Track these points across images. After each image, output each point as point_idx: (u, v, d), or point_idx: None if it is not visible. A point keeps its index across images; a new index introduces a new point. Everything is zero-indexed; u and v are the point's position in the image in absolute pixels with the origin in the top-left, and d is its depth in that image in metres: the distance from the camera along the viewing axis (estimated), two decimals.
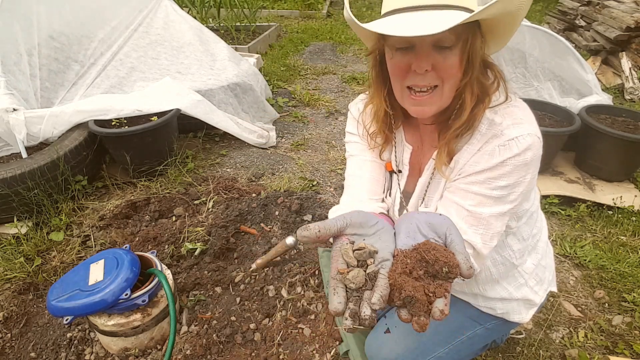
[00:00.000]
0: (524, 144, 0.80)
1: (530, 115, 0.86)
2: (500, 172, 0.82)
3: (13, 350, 1.52)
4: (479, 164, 0.83)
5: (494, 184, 0.83)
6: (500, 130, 0.82)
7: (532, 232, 1.04)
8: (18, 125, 2.12)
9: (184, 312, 1.61)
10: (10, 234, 1.98)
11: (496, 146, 0.81)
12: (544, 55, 2.89)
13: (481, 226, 0.85)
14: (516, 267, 1.06)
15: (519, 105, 0.87)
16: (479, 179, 0.84)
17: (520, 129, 0.81)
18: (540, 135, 0.83)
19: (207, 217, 2.10)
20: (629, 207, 2.24)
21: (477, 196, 0.84)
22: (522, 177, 0.82)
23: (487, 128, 0.84)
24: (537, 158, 0.83)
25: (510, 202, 0.85)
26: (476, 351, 1.26)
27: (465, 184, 0.85)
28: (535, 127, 0.83)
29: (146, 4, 2.98)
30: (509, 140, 0.81)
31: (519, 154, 0.80)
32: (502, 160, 0.81)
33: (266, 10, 6.97)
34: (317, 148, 2.97)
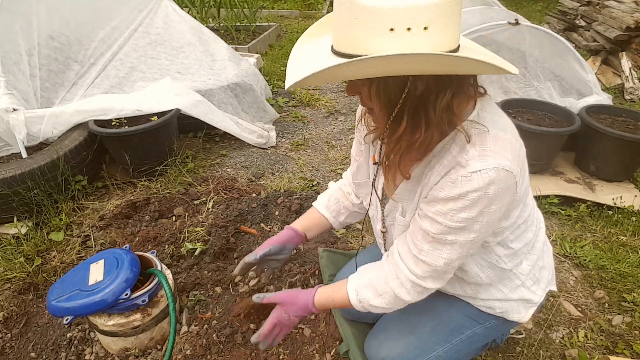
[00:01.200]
0: (486, 179, 0.79)
1: (504, 144, 0.82)
2: (461, 205, 0.82)
3: (13, 350, 1.52)
4: (444, 190, 0.84)
5: (457, 216, 0.83)
6: (466, 160, 0.81)
7: (524, 242, 1.04)
8: (18, 125, 2.12)
9: (184, 312, 1.61)
10: (10, 234, 1.98)
11: (459, 176, 0.81)
12: (544, 55, 2.89)
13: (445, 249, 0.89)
14: (509, 270, 1.05)
15: (496, 134, 0.83)
16: (443, 209, 0.85)
17: (485, 163, 0.79)
18: (510, 168, 0.80)
19: (207, 217, 2.10)
20: (629, 207, 2.24)
21: (442, 226, 0.86)
22: (486, 207, 0.82)
23: (458, 151, 0.83)
24: (502, 191, 0.81)
25: (476, 231, 0.86)
26: (476, 350, 1.26)
27: (432, 214, 0.87)
28: (503, 159, 0.79)
29: (146, 4, 2.98)
30: (471, 173, 0.79)
31: (480, 188, 0.79)
32: (463, 192, 0.81)
33: (266, 10, 6.97)
34: (317, 148, 2.97)
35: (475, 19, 3.00)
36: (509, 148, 0.81)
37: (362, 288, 1.03)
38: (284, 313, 1.12)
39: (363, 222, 1.93)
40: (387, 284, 0.99)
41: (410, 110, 0.78)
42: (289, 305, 1.12)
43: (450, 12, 0.66)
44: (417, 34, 0.65)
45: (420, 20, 0.64)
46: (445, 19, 0.66)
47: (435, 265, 0.91)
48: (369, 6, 0.64)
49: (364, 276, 1.05)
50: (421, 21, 0.64)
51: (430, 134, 0.80)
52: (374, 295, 1.01)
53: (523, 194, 0.93)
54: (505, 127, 0.85)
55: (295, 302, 1.11)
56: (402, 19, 0.64)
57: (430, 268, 0.92)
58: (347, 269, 1.49)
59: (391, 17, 0.64)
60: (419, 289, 0.97)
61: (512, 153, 0.81)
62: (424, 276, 0.94)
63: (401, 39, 0.65)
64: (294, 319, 1.12)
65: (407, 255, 0.95)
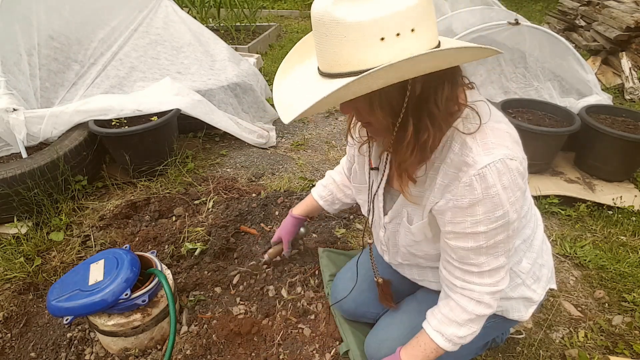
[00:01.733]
0: (496, 171, 0.80)
1: (502, 134, 0.83)
2: (490, 204, 0.82)
3: (13, 350, 1.52)
4: (465, 197, 0.83)
5: (493, 216, 0.83)
6: (472, 158, 0.81)
7: (522, 238, 1.04)
8: (18, 125, 2.12)
9: (184, 312, 1.61)
10: (10, 234, 1.98)
11: (472, 176, 0.81)
12: (544, 55, 2.90)
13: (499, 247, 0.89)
14: (509, 268, 1.05)
15: (493, 125, 0.84)
16: (477, 218, 0.84)
17: (490, 156, 0.80)
18: (513, 156, 0.81)
19: (207, 217, 2.10)
20: (629, 207, 2.24)
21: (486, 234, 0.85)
22: (512, 195, 0.82)
23: (459, 148, 0.83)
24: (516, 177, 0.81)
25: (514, 219, 0.85)
26: (476, 349, 1.26)
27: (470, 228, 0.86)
28: (505, 148, 0.81)
29: (146, 4, 2.98)
30: (481, 169, 0.80)
31: (495, 181, 0.80)
32: (483, 189, 0.81)
33: (266, 10, 6.97)
34: (317, 148, 2.97)
35: (475, 19, 3.00)
36: (507, 137, 0.83)
37: (442, 327, 1.00)
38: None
39: (365, 223, 1.93)
40: (465, 311, 0.97)
41: (415, 113, 0.78)
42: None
43: (429, 10, 0.69)
44: (406, 37, 0.67)
45: (407, 23, 0.66)
46: (427, 18, 0.69)
47: (499, 265, 0.91)
48: (357, 22, 0.65)
49: (435, 315, 1.03)
50: (408, 24, 0.66)
51: (436, 131, 0.81)
52: (458, 327, 0.99)
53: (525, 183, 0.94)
54: (498, 118, 0.87)
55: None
56: (391, 26, 0.65)
57: (496, 271, 0.92)
58: (346, 271, 1.49)
59: (380, 27, 0.65)
60: (497, 295, 0.96)
61: (511, 141, 0.83)
62: (496, 280, 0.94)
63: (392, 45, 0.67)
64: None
65: (469, 277, 0.94)
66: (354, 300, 1.39)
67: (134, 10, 2.93)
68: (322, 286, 1.71)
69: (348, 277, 1.43)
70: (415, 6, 0.66)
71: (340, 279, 1.47)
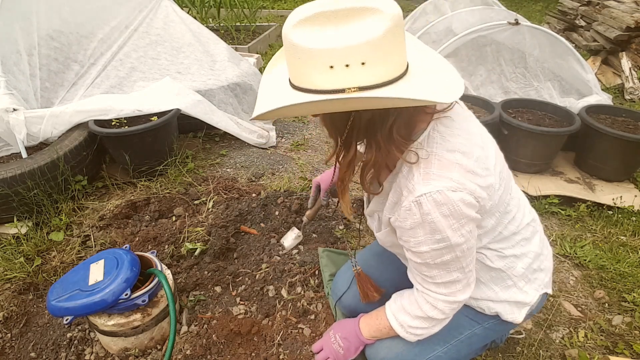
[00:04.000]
0: (433, 201, 0.82)
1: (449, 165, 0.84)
2: (429, 228, 0.85)
3: (13, 350, 1.52)
4: (406, 220, 0.87)
5: (434, 238, 0.86)
6: (412, 185, 0.85)
7: (511, 244, 1.05)
8: (18, 125, 2.12)
9: (184, 312, 1.61)
10: (10, 234, 1.98)
11: (410, 202, 0.84)
12: (544, 55, 2.90)
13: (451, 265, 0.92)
14: (499, 269, 1.06)
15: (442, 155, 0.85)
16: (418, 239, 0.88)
17: (428, 186, 0.82)
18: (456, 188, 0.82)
19: (207, 217, 2.10)
20: (629, 207, 2.24)
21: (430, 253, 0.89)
22: (456, 222, 0.84)
23: (406, 172, 0.88)
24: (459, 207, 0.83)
25: (463, 242, 0.88)
26: (476, 351, 1.26)
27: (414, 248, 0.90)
28: (447, 180, 0.82)
29: (146, 4, 2.98)
30: (418, 197, 0.83)
31: (431, 210, 0.83)
32: (421, 215, 0.84)
33: (266, 10, 6.97)
34: (317, 148, 2.97)
35: (475, 19, 3.00)
36: (455, 168, 0.84)
37: (397, 312, 1.07)
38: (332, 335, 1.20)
39: (363, 223, 1.93)
40: (419, 309, 1.02)
41: (359, 136, 0.84)
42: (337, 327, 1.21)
43: (387, 45, 0.70)
44: (355, 69, 0.69)
45: (356, 57, 0.68)
46: (381, 53, 0.70)
47: (453, 279, 0.94)
48: (308, 48, 0.69)
49: (397, 301, 1.09)
50: (357, 58, 0.68)
51: (381, 155, 0.85)
52: (410, 318, 1.04)
53: (498, 203, 0.94)
54: (453, 147, 0.87)
55: (344, 326, 1.19)
56: (339, 58, 0.68)
57: (451, 284, 0.95)
58: (347, 269, 1.49)
59: (329, 57, 0.69)
60: (454, 305, 0.99)
61: (459, 172, 0.84)
62: (452, 292, 0.97)
63: (341, 73, 0.70)
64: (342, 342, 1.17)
65: (426, 284, 0.98)
66: (354, 295, 1.39)
67: (133, 10, 2.93)
68: (322, 286, 1.71)
69: (348, 274, 1.44)
70: (372, 41, 0.68)
71: (341, 276, 1.48)
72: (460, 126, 0.91)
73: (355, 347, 1.15)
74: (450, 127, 0.90)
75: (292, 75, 0.77)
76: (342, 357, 1.15)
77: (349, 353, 1.15)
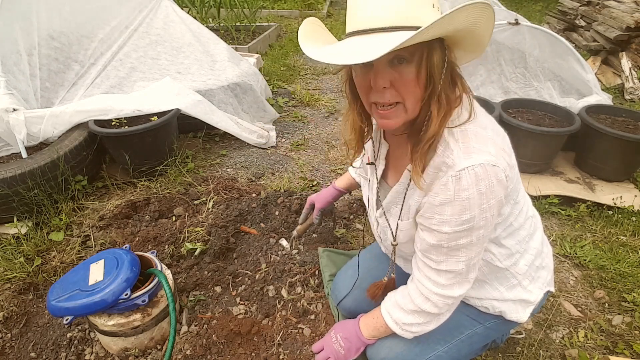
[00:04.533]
0: (474, 176, 0.81)
1: (486, 140, 0.85)
2: (459, 207, 0.84)
3: (13, 350, 1.52)
4: (438, 195, 0.86)
5: (460, 219, 0.85)
6: (452, 160, 0.83)
7: (517, 239, 1.05)
8: (18, 125, 2.12)
9: (184, 312, 1.61)
10: (10, 234, 1.98)
11: (449, 177, 0.83)
12: (544, 55, 2.90)
13: (461, 253, 0.91)
14: (505, 269, 1.06)
15: (477, 131, 0.86)
16: (444, 217, 0.87)
17: (470, 160, 0.82)
18: (495, 162, 0.82)
19: (207, 217, 2.10)
20: (629, 207, 2.24)
21: (449, 235, 0.88)
22: (485, 203, 0.84)
23: (443, 150, 0.86)
24: (493, 185, 0.83)
25: (482, 227, 0.87)
26: (476, 350, 1.26)
27: (437, 226, 0.89)
28: (487, 154, 0.82)
29: (146, 4, 2.98)
30: (459, 171, 0.82)
31: (470, 185, 0.82)
32: (456, 191, 0.83)
33: (266, 10, 6.97)
34: (317, 148, 2.97)
35: None
36: (491, 144, 0.85)
37: (391, 308, 1.07)
38: (333, 335, 1.19)
39: (364, 223, 1.93)
40: (412, 302, 1.01)
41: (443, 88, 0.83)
42: (338, 327, 1.20)
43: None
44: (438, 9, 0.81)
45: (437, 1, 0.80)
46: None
47: (457, 270, 0.93)
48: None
49: (391, 298, 1.09)
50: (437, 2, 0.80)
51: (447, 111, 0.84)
52: (404, 314, 1.04)
53: (513, 190, 0.94)
54: (485, 125, 0.89)
55: (345, 326, 1.19)
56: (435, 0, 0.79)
57: (452, 274, 0.94)
58: (347, 269, 1.49)
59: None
60: (448, 300, 0.98)
61: (495, 148, 0.85)
62: (449, 284, 0.96)
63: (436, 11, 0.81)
64: (343, 342, 1.16)
65: (427, 270, 0.97)
66: (354, 299, 1.39)
67: (134, 10, 2.93)
68: (322, 286, 1.71)
69: (349, 275, 1.44)
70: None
71: (341, 278, 1.48)
72: (481, 108, 0.94)
73: (356, 348, 1.15)
74: (477, 106, 0.91)
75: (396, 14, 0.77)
76: (343, 358, 1.15)
77: (349, 353, 1.15)
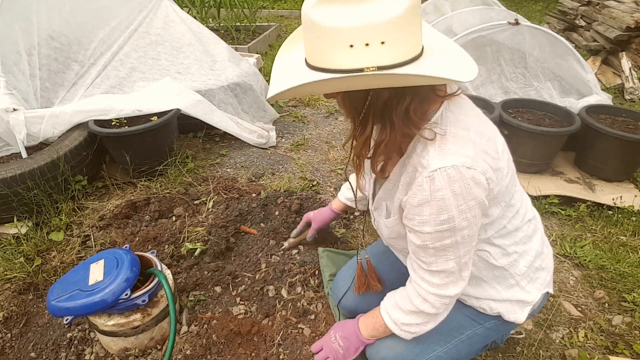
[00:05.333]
0: (446, 176, 0.82)
1: (464, 142, 0.85)
2: (436, 207, 0.85)
3: (13, 350, 1.52)
4: (416, 195, 0.87)
5: (438, 218, 0.86)
6: (427, 160, 0.85)
7: (513, 240, 1.05)
8: (18, 125, 2.12)
9: (184, 312, 1.61)
10: (10, 234, 1.98)
11: (424, 177, 0.84)
12: (544, 55, 2.90)
13: (449, 252, 0.92)
14: (502, 267, 1.06)
15: (456, 132, 0.86)
16: (423, 218, 0.88)
17: (443, 161, 0.82)
18: (470, 164, 0.82)
19: (207, 217, 2.10)
20: (629, 207, 2.24)
21: (432, 234, 0.89)
22: (463, 203, 0.84)
23: (420, 150, 0.87)
24: (470, 187, 0.83)
25: (465, 227, 0.87)
26: (476, 351, 1.26)
27: (417, 227, 0.90)
28: (463, 156, 0.82)
29: (146, 4, 2.98)
30: (432, 172, 0.83)
31: (443, 186, 0.82)
32: (431, 191, 0.84)
33: (266, 10, 6.97)
34: (317, 148, 2.97)
35: (475, 19, 3.00)
36: (470, 146, 0.85)
37: (390, 309, 1.07)
38: (332, 335, 1.20)
39: (364, 223, 1.93)
40: (410, 303, 1.02)
41: (376, 116, 0.84)
42: (337, 327, 1.21)
43: (407, 25, 0.71)
44: (375, 48, 0.70)
45: (376, 36, 0.69)
46: (401, 33, 0.71)
47: (448, 269, 0.93)
48: (328, 27, 0.70)
49: (390, 298, 1.10)
50: (377, 37, 0.69)
51: (395, 136, 0.85)
52: (402, 314, 1.04)
53: (502, 192, 0.94)
54: (467, 126, 0.88)
55: (345, 326, 1.20)
56: (359, 37, 0.69)
57: (445, 274, 0.95)
58: (347, 269, 1.49)
59: (349, 35, 0.69)
60: (445, 300, 0.99)
61: (474, 150, 0.84)
62: (444, 283, 0.96)
63: (361, 53, 0.70)
64: (341, 342, 1.17)
65: (421, 272, 0.99)
66: (354, 298, 1.39)
67: (134, 10, 2.93)
68: (322, 286, 1.71)
69: (349, 274, 1.44)
70: (391, 20, 0.68)
71: (341, 277, 1.48)
72: (472, 108, 0.94)
73: (355, 347, 1.15)
74: (462, 107, 0.91)
75: (310, 55, 0.77)
76: (342, 357, 1.15)
77: (348, 353, 1.15)
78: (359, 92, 0.81)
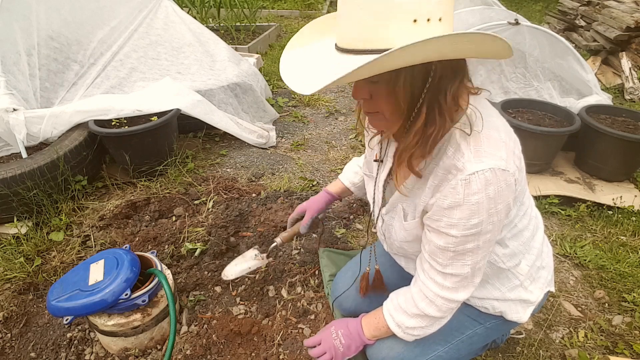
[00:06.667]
0: (484, 180, 0.80)
1: (498, 144, 0.83)
2: (468, 211, 0.83)
3: (13, 350, 1.52)
4: (447, 198, 0.84)
5: (468, 223, 0.84)
6: (462, 163, 0.82)
7: (521, 240, 1.04)
8: (18, 125, 2.12)
9: (184, 312, 1.61)
10: (10, 234, 1.98)
11: (459, 180, 0.82)
12: (544, 55, 2.90)
13: (467, 256, 0.90)
14: (507, 269, 1.05)
15: (489, 134, 0.84)
16: (452, 221, 0.85)
17: (481, 164, 0.80)
18: (505, 167, 0.81)
19: (207, 217, 2.10)
20: (629, 207, 2.24)
21: (457, 238, 0.87)
22: (493, 208, 0.83)
23: (453, 152, 0.84)
24: (502, 190, 0.82)
25: (489, 231, 0.86)
26: (476, 350, 1.26)
27: (444, 228, 0.88)
28: (498, 159, 0.81)
29: (146, 4, 2.98)
30: (469, 175, 0.80)
31: (479, 190, 0.81)
32: (465, 195, 0.82)
33: (266, 10, 6.97)
34: (317, 148, 2.97)
35: (475, 19, 3.00)
36: (503, 147, 0.83)
37: (394, 311, 1.05)
38: (334, 331, 1.16)
39: (367, 223, 1.92)
40: (415, 306, 1.00)
41: (429, 102, 0.79)
42: (339, 324, 1.17)
43: (453, 4, 0.73)
44: (434, 25, 0.70)
45: (437, 12, 0.70)
46: (451, 10, 0.73)
47: (463, 273, 0.92)
48: (395, 1, 0.67)
49: (393, 300, 1.07)
50: (438, 13, 0.70)
51: (442, 124, 0.82)
52: (406, 317, 1.02)
53: (520, 191, 0.94)
54: (498, 127, 0.86)
55: (347, 324, 1.16)
56: (425, 11, 0.69)
57: (458, 278, 0.93)
58: (347, 269, 1.49)
59: (416, 10, 0.68)
60: (452, 304, 0.97)
61: (507, 152, 0.83)
62: (454, 287, 0.95)
63: (422, 30, 0.69)
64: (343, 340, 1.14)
65: (433, 273, 0.96)
66: (354, 299, 1.39)
67: (133, 10, 2.93)
68: (322, 286, 1.71)
69: (349, 275, 1.43)
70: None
71: (341, 277, 1.48)
72: (492, 108, 0.92)
73: (356, 346, 1.15)
74: (487, 108, 0.89)
75: (359, 36, 0.72)
76: (341, 355, 1.15)
77: (348, 351, 1.15)
78: (421, 71, 0.76)
